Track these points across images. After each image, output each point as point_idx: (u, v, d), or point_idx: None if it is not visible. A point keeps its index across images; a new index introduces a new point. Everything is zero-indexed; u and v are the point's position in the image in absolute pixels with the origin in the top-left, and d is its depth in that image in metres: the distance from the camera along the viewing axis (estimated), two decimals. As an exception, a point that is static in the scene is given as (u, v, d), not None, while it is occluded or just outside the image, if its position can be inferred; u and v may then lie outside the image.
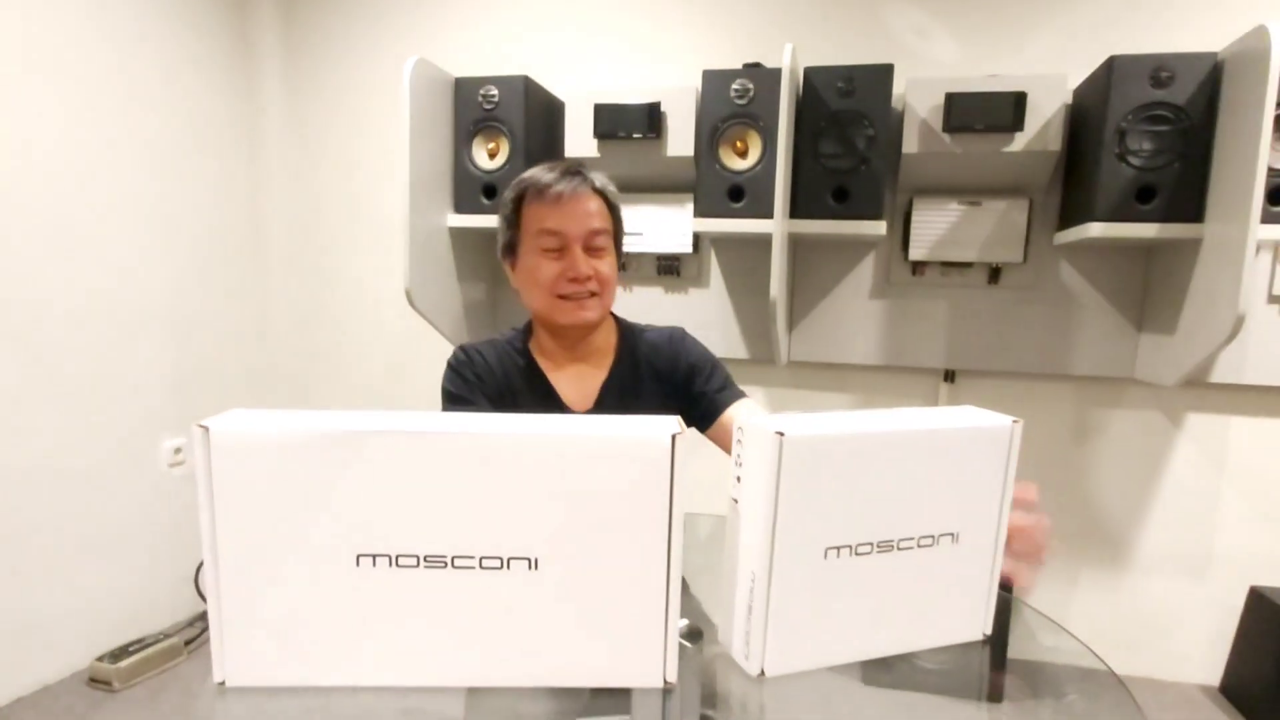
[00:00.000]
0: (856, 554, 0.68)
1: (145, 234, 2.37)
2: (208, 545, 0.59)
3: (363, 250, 2.78)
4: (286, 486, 0.58)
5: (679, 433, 0.58)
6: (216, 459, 0.58)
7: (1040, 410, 2.33)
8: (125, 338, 2.33)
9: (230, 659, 0.61)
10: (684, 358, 1.26)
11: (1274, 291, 2.09)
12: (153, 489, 2.45)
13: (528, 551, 0.59)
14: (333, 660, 0.62)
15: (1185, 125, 1.82)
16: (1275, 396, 2.16)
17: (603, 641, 0.62)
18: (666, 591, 0.60)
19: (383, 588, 0.60)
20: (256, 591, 0.60)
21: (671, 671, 0.62)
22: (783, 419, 0.64)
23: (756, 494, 0.64)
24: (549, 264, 1.14)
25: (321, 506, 0.59)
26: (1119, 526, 2.32)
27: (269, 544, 0.59)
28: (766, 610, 0.65)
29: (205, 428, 0.58)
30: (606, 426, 0.59)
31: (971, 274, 2.27)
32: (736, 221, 2.10)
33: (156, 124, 2.39)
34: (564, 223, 1.12)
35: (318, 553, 0.59)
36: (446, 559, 0.59)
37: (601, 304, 1.18)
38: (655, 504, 0.59)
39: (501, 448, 0.58)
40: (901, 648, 0.75)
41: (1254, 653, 2.14)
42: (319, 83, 2.75)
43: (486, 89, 2.20)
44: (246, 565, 0.60)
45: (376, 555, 0.59)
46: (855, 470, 0.66)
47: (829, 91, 2.02)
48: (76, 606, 2.23)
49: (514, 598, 0.60)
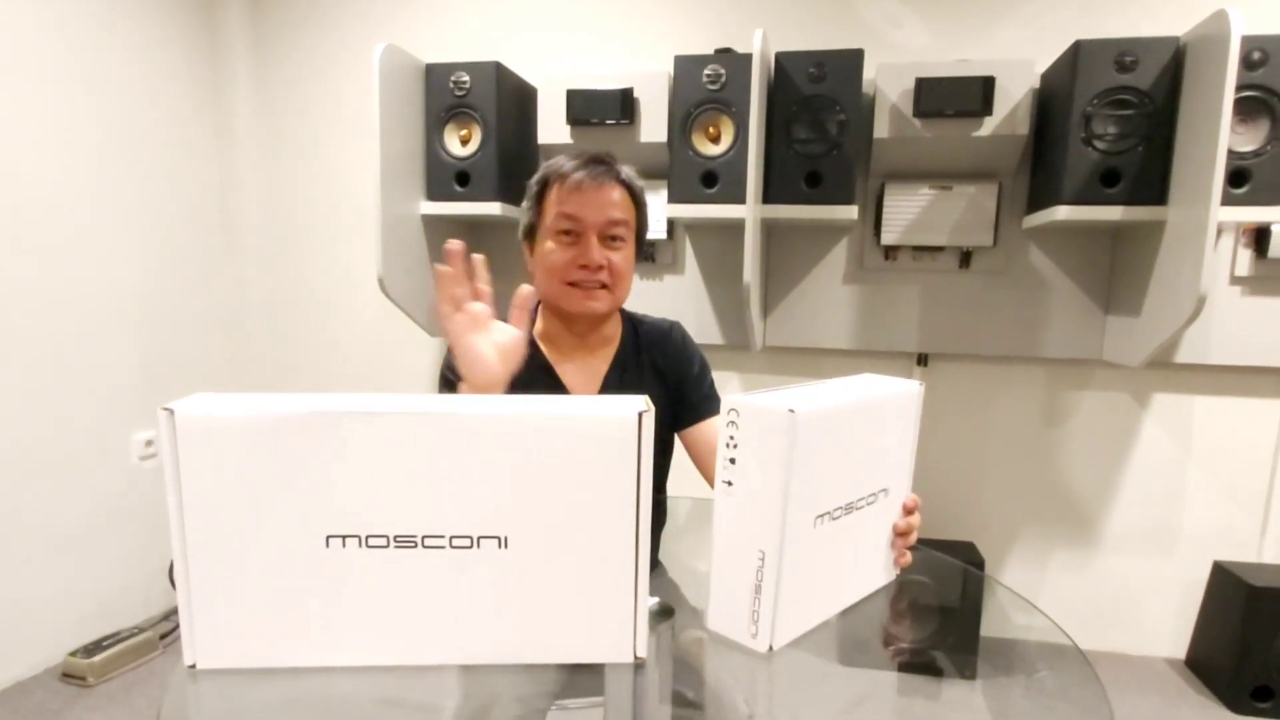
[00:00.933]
0: (833, 519, 0.70)
1: (113, 223, 2.33)
2: (175, 529, 0.59)
3: (336, 239, 2.75)
4: (253, 469, 0.58)
5: (646, 410, 0.58)
6: (183, 442, 0.58)
7: (1011, 393, 2.36)
8: (95, 329, 2.29)
9: (201, 641, 0.62)
10: (686, 358, 1.28)
11: (1236, 273, 2.13)
12: (124, 482, 2.42)
13: (497, 530, 0.60)
14: (304, 641, 0.62)
15: (1149, 109, 1.85)
16: (1237, 376, 2.22)
17: (573, 618, 0.62)
18: (635, 568, 0.61)
19: (353, 568, 0.60)
20: (226, 574, 0.60)
21: (642, 647, 0.63)
22: (771, 396, 0.65)
23: (764, 472, 0.65)
24: (563, 250, 1.13)
25: (289, 489, 0.59)
26: (1088, 506, 2.37)
27: (237, 526, 0.59)
28: (777, 587, 0.66)
29: (170, 410, 0.57)
30: (573, 405, 0.60)
31: (943, 258, 2.30)
32: (710, 207, 2.10)
33: (122, 112, 2.35)
34: (582, 210, 1.12)
35: (287, 535, 0.59)
36: (416, 539, 0.60)
37: (612, 296, 1.17)
38: (622, 481, 0.59)
39: (468, 427, 0.59)
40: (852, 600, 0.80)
41: (1217, 626, 2.19)
42: (288, 69, 2.71)
43: (458, 75, 2.18)
44: (215, 548, 0.60)
45: (346, 536, 0.60)
46: (836, 440, 0.69)
47: (800, 77, 2.03)
48: (49, 601, 2.20)
49: (484, 576, 0.61)
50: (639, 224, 1.21)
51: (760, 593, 0.66)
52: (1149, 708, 2.08)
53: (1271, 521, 2.25)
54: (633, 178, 1.18)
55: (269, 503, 0.59)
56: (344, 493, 0.59)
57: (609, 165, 1.15)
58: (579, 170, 1.12)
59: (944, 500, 2.42)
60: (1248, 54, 1.80)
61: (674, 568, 1.23)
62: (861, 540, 0.78)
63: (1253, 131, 1.85)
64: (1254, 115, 1.83)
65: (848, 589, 0.78)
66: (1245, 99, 1.81)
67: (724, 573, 0.69)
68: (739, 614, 0.68)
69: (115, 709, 2.01)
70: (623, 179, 1.16)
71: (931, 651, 0.99)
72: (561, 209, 1.13)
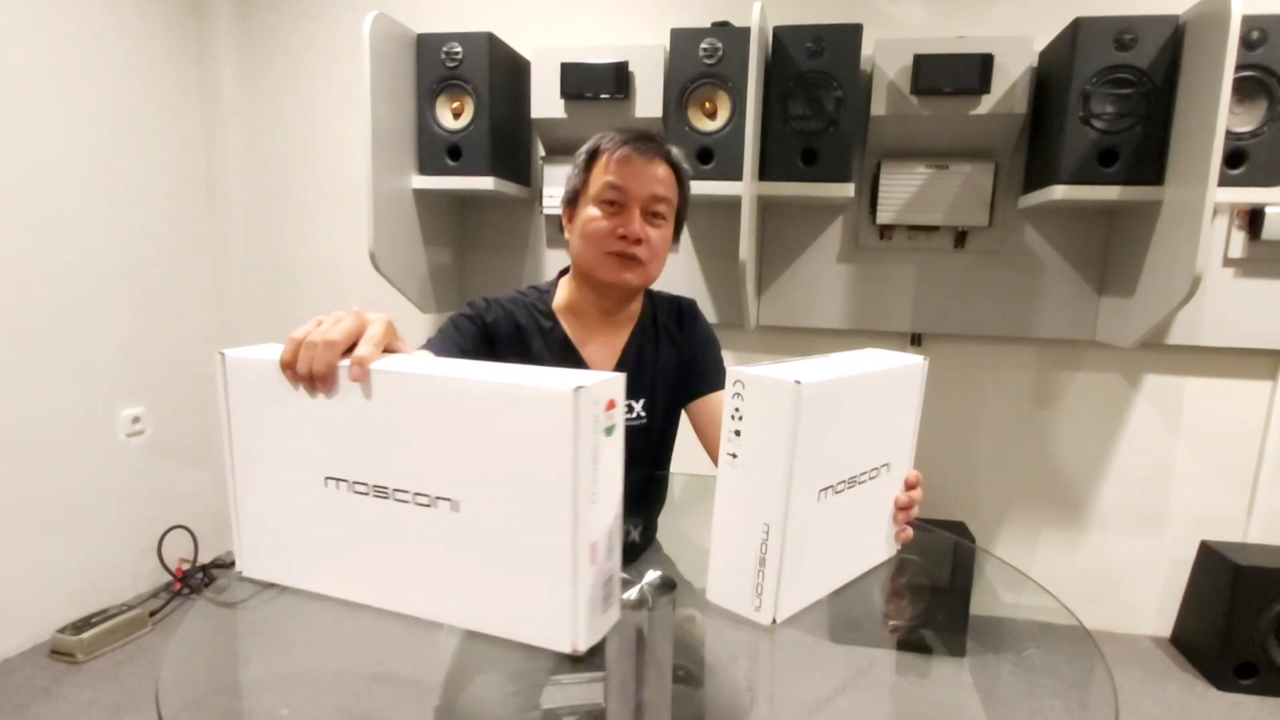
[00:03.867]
0: (836, 492, 0.70)
1: (96, 199, 2.29)
2: (226, 454, 0.69)
3: (325, 212, 2.72)
4: (277, 409, 0.66)
5: (583, 387, 0.55)
6: (231, 380, 0.67)
7: (1004, 373, 2.37)
8: (78, 305, 2.25)
9: (246, 553, 0.71)
10: (699, 332, 1.30)
11: (1229, 254, 2.14)
12: (112, 459, 2.39)
13: (450, 493, 0.61)
14: (312, 568, 0.68)
15: (1147, 88, 1.84)
16: (1227, 357, 2.23)
17: (515, 595, 0.61)
18: (573, 554, 0.58)
19: (345, 510, 0.65)
20: (259, 497, 0.69)
21: (584, 639, 0.59)
22: (776, 368, 0.65)
23: (769, 444, 0.64)
24: (606, 219, 1.13)
25: (301, 430, 0.65)
26: (1078, 486, 2.38)
27: (268, 458, 0.68)
28: (781, 560, 0.65)
29: (222, 355, 0.67)
30: (513, 375, 0.58)
31: (938, 238, 2.29)
32: (706, 184, 2.08)
33: (104, 85, 2.29)
34: (628, 181, 1.12)
35: (300, 471, 0.66)
36: (388, 490, 0.63)
37: (646, 271, 1.17)
38: (559, 458, 0.56)
39: (419, 387, 0.60)
40: (855, 574, 0.80)
41: (1203, 605, 2.22)
42: (275, 39, 2.66)
43: (450, 46, 2.14)
44: (251, 474, 0.69)
45: (339, 480, 0.65)
46: (840, 413, 0.68)
47: (798, 52, 2.01)
48: (36, 579, 2.18)
49: (438, 537, 0.62)
50: (681, 205, 1.21)
51: (765, 565, 0.65)
52: (1134, 684, 2.11)
53: (1258, 502, 2.27)
54: (680, 159, 1.19)
55: (287, 441, 0.66)
56: (337, 439, 0.64)
57: (659, 142, 1.16)
58: (630, 143, 1.13)
59: (936, 480, 2.43)
60: (1247, 34, 1.79)
61: (669, 543, 1.23)
62: (864, 514, 0.77)
63: (1250, 112, 1.84)
64: (1252, 95, 1.83)
65: (850, 563, 0.78)
66: (1244, 79, 1.80)
67: (725, 545, 0.69)
68: (742, 586, 0.68)
69: (104, 686, 2.00)
70: (671, 159, 1.17)
71: (922, 630, 1.00)
72: (608, 178, 1.13)
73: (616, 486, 0.61)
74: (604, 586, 0.61)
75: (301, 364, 0.64)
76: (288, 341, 0.65)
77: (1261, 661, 2.05)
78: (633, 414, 1.22)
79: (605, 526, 0.60)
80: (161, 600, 2.46)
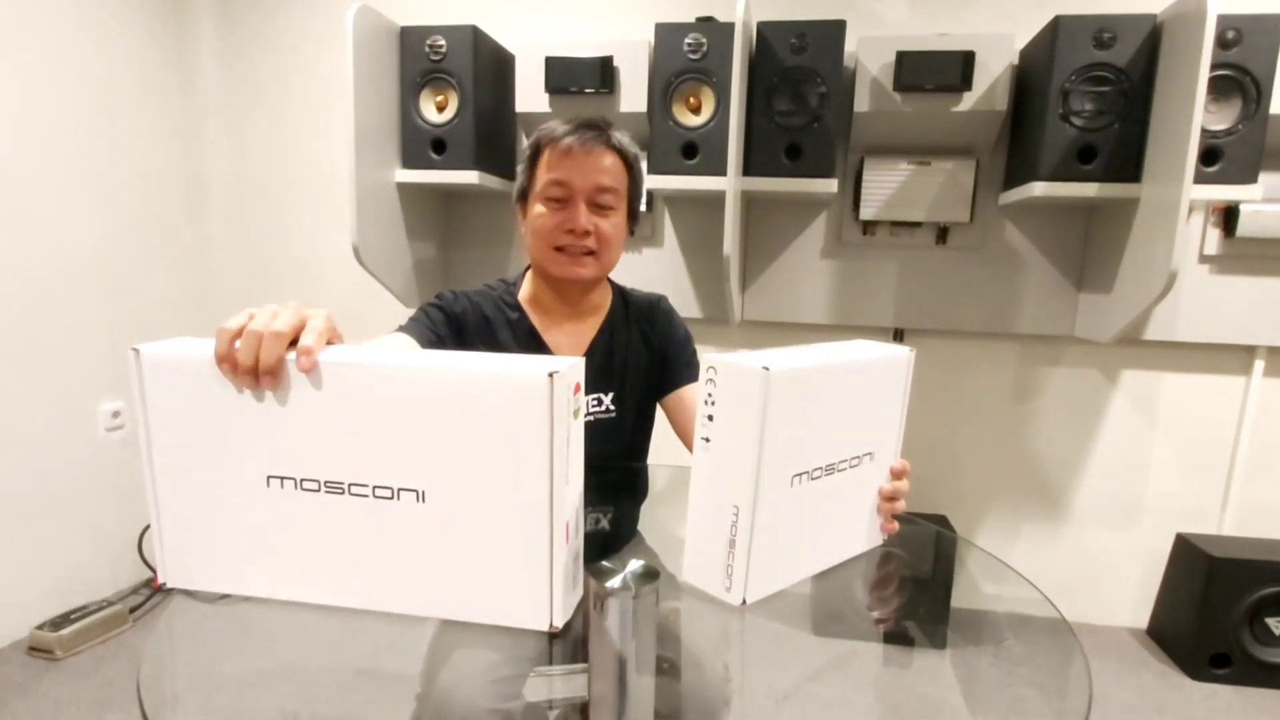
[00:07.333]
0: (811, 479, 0.71)
1: (75, 192, 2.26)
2: (145, 458, 0.64)
3: (308, 206, 2.70)
4: (205, 407, 0.62)
5: (557, 372, 0.56)
6: (148, 379, 0.63)
7: (984, 368, 2.39)
8: (57, 299, 2.23)
9: (170, 563, 0.66)
10: (672, 329, 1.29)
11: (1205, 251, 2.17)
12: (91, 454, 2.37)
13: (415, 484, 0.60)
14: (251, 571, 0.65)
15: (1125, 86, 1.86)
16: (1203, 353, 2.26)
17: (489, 579, 0.62)
18: (550, 534, 0.60)
19: (290, 509, 0.63)
20: (185, 502, 0.65)
21: (560, 616, 0.62)
22: (751, 355, 0.66)
23: (739, 428, 0.65)
24: (551, 215, 1.13)
25: (233, 428, 0.62)
26: (1057, 480, 2.41)
27: (193, 460, 0.63)
28: (750, 542, 0.66)
29: (136, 351, 0.63)
30: (487, 363, 0.59)
31: (920, 234, 2.31)
32: (690, 179, 2.09)
33: (84, 77, 2.26)
34: (571, 175, 1.11)
35: (233, 472, 0.63)
36: (344, 486, 0.61)
37: (599, 263, 1.16)
38: (535, 444, 0.58)
39: (385, 378, 0.59)
40: (834, 561, 0.80)
41: (1179, 596, 2.25)
42: (257, 30, 2.63)
43: (434, 39, 2.13)
44: (177, 478, 0.64)
45: (284, 478, 0.62)
46: (815, 400, 0.69)
47: (782, 47, 2.01)
48: (14, 574, 2.16)
49: (403, 529, 0.61)
50: (631, 192, 1.20)
51: (734, 547, 0.67)
52: (1111, 675, 2.14)
53: (1232, 495, 2.31)
54: (626, 144, 1.17)
55: (217, 440, 0.62)
56: (282, 436, 0.61)
57: (601, 130, 1.14)
58: (570, 135, 1.11)
59: (917, 474, 2.44)
60: (1222, 33, 1.81)
61: (652, 535, 1.23)
62: (844, 502, 0.78)
63: (1225, 110, 1.87)
64: (1227, 94, 1.85)
65: (828, 550, 0.79)
66: (1219, 78, 1.82)
67: (699, 528, 0.70)
68: (713, 568, 0.69)
69: (83, 683, 1.98)
70: (614, 145, 1.15)
71: (903, 622, 1.01)
72: (551, 174, 1.12)
73: (581, 467, 0.63)
74: (573, 564, 0.63)
75: (244, 356, 0.59)
76: (218, 334, 0.60)
77: (1235, 652, 2.09)
78: (601, 407, 1.23)
79: (574, 506, 0.62)
80: (141, 596, 2.44)
